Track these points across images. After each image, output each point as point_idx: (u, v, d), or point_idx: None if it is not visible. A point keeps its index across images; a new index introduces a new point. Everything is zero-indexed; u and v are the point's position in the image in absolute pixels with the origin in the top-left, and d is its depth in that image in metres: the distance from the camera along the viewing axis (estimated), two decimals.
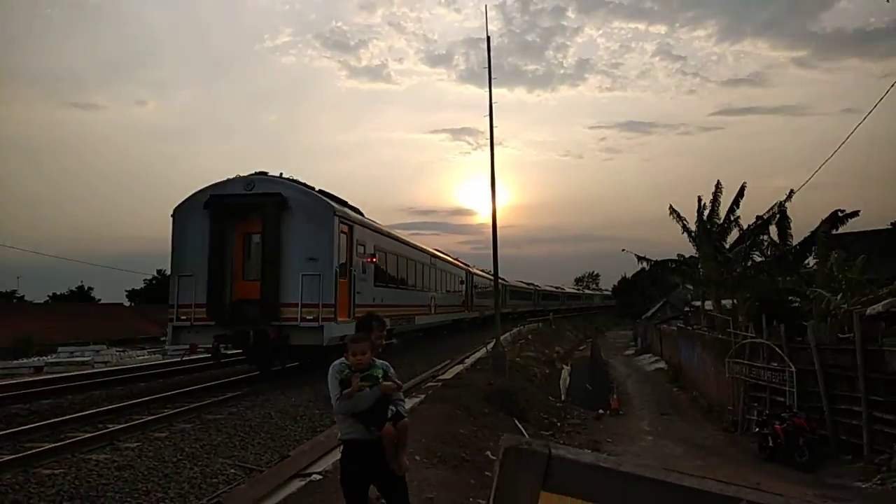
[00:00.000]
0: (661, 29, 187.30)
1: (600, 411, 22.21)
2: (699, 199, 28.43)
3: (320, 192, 15.42)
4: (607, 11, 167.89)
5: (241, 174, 14.84)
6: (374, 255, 17.54)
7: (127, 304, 75.48)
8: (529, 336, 41.98)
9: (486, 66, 22.03)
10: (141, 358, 33.01)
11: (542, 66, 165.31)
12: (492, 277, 26.96)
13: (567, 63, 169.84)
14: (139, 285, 77.75)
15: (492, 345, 25.00)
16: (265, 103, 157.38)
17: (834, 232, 24.03)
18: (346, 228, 15.04)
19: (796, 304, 21.33)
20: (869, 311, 14.43)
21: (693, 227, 28.27)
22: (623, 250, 31.95)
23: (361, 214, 17.81)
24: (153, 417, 10.35)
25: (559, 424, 19.16)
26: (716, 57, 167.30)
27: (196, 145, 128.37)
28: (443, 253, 31.49)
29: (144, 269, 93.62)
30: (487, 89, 21.46)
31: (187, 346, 14.28)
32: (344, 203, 16.20)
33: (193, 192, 14.71)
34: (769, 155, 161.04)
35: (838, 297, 17.27)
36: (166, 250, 14.62)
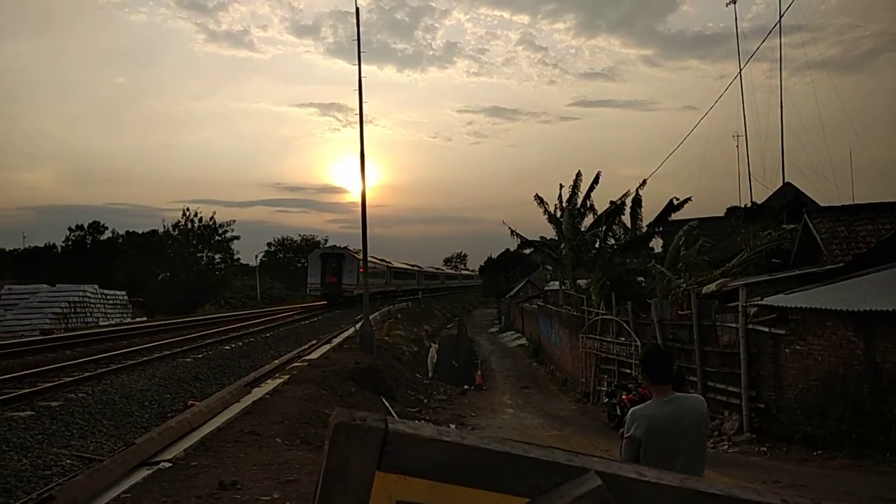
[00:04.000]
0: (525, 19, 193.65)
1: (465, 387, 22.82)
2: (560, 186, 30.01)
3: (352, 249, 39.94)
4: None
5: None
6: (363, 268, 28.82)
7: None
8: (399, 315, 42.24)
9: (356, 39, 21.63)
10: None
11: (411, 45, 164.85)
12: (407, 267, 61.72)
13: (436, 45, 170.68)
14: None
15: (360, 324, 24.86)
16: (111, 64, 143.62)
17: (672, 218, 26.31)
18: (360, 264, 30.02)
19: (643, 284, 23.10)
20: (704, 290, 15.89)
21: (553, 212, 29.73)
22: (503, 222, 33.03)
23: (373, 256, 41.48)
24: None
25: (426, 401, 19.45)
26: (574, 50, 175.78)
27: (28, 103, 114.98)
28: (389, 261, 54.29)
29: None
30: (357, 64, 21.07)
31: None
32: (359, 252, 29.31)
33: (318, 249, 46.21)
34: (621, 145, 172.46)
35: (678, 276, 18.86)
36: None
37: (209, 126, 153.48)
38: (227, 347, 18.28)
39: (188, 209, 63.04)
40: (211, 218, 64.03)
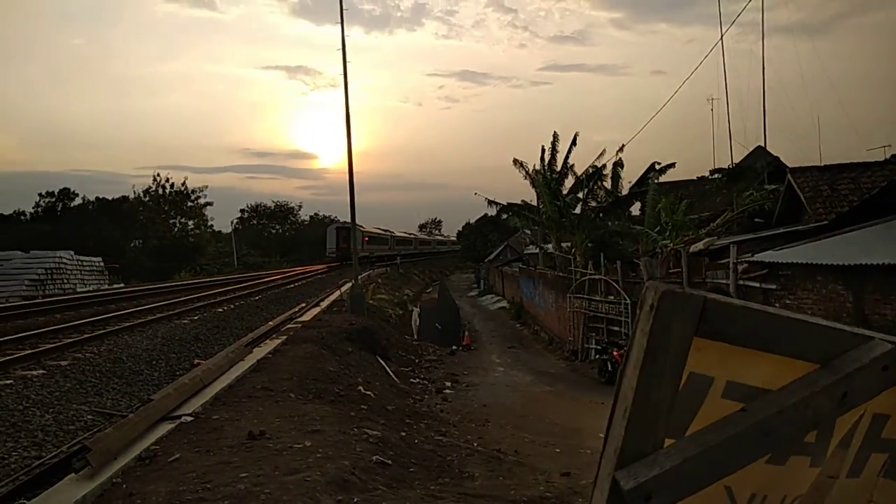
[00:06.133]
0: None
1: (453, 347, 23.12)
2: (542, 149, 30.08)
3: (359, 224, 35.51)
4: None
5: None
6: (367, 238, 51.82)
7: None
8: (379, 280, 42.31)
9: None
10: None
11: (378, 6, 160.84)
12: (381, 232, 65.86)
13: (404, 6, 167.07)
14: None
15: (346, 288, 24.94)
16: (67, 25, 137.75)
17: (656, 181, 26.67)
18: (364, 235, 50.42)
19: (623, 245, 23.49)
20: (692, 248, 16.26)
21: (533, 175, 29.87)
22: (476, 194, 33.18)
23: (377, 227, 63.17)
24: None
25: (417, 361, 19.73)
26: (544, 13, 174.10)
27: None
28: (392, 231, 67.60)
29: None
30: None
31: None
32: (364, 226, 51.61)
33: (334, 224, 57.51)
34: (593, 110, 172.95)
35: (664, 235, 19.24)
36: None
37: (174, 89, 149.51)
38: (220, 310, 18.21)
39: (159, 175, 61.72)
40: (183, 184, 62.83)
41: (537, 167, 29.98)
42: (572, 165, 29.33)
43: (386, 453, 7.11)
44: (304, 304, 22.09)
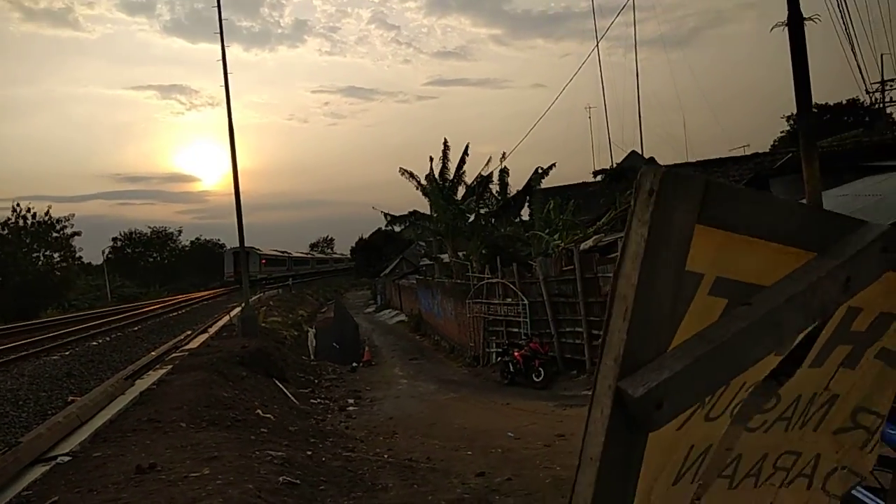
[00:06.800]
0: None
1: (353, 364, 22.57)
2: (431, 158, 30.36)
3: (256, 247, 52.43)
4: None
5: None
6: (264, 260, 54.46)
7: None
8: (271, 302, 40.78)
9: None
10: None
11: (257, 23, 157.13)
12: (279, 253, 64.85)
13: (284, 22, 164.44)
14: None
15: (235, 312, 23.78)
16: None
17: (541, 186, 27.68)
18: (262, 257, 54.74)
19: (517, 249, 24.06)
20: (582, 246, 16.84)
21: (426, 184, 30.06)
22: (373, 208, 32.83)
23: (275, 249, 63.01)
24: None
25: (316, 381, 19.03)
26: (426, 29, 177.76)
27: None
28: (289, 252, 66.27)
29: None
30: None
31: None
32: (260, 249, 55.49)
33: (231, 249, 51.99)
34: (478, 123, 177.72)
35: (555, 237, 19.85)
36: None
37: (33, 114, 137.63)
38: (95, 343, 16.66)
39: (19, 205, 56.17)
40: (46, 213, 57.51)
41: (428, 176, 30.24)
42: (463, 174, 29.89)
43: (293, 473, 6.66)
44: (189, 332, 20.76)
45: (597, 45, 30.11)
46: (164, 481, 5.83)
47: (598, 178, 24.40)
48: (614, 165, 25.14)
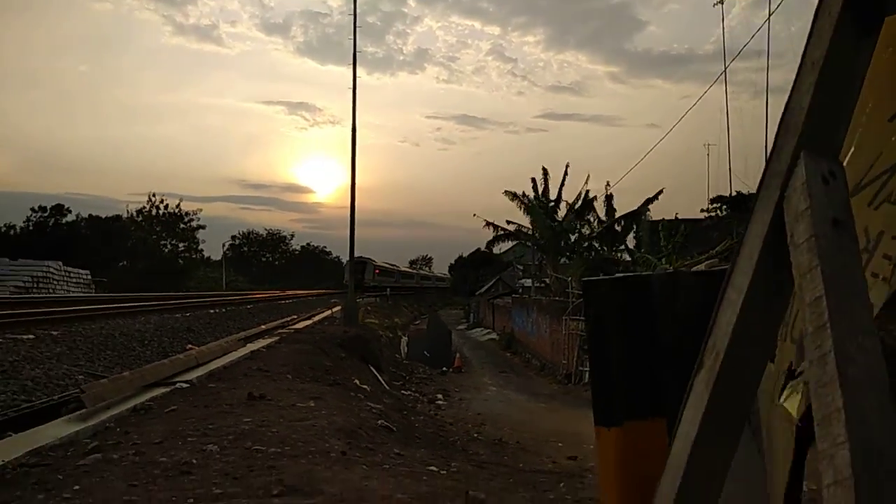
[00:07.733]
0: (495, 30, 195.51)
1: (444, 369, 22.73)
2: (533, 180, 30.83)
3: (371, 259, 58.59)
4: (446, 6, 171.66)
5: None
6: (378, 270, 59.66)
7: None
8: (368, 307, 41.95)
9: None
10: None
11: (382, 49, 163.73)
12: (390, 266, 69.15)
13: (407, 50, 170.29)
14: None
15: (337, 309, 24.68)
16: (74, 51, 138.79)
17: (649, 217, 27.06)
18: (376, 268, 59.47)
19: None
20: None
21: (530, 199, 30.31)
22: (475, 215, 33.39)
23: (388, 263, 68.55)
24: None
25: (407, 377, 19.34)
26: (542, 63, 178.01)
27: None
28: (397, 265, 74.98)
29: None
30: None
31: None
32: (374, 261, 59.96)
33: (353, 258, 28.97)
34: (586, 159, 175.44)
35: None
36: None
37: (173, 119, 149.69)
38: (212, 311, 17.84)
39: (154, 196, 61.28)
40: (177, 206, 62.38)
41: (530, 195, 30.49)
42: (560, 195, 30.22)
43: (391, 423, 6.82)
44: (295, 316, 21.72)
45: (724, 71, 28.99)
46: (274, 406, 6.15)
47: (715, 205, 23.39)
48: (737, 190, 24.00)
